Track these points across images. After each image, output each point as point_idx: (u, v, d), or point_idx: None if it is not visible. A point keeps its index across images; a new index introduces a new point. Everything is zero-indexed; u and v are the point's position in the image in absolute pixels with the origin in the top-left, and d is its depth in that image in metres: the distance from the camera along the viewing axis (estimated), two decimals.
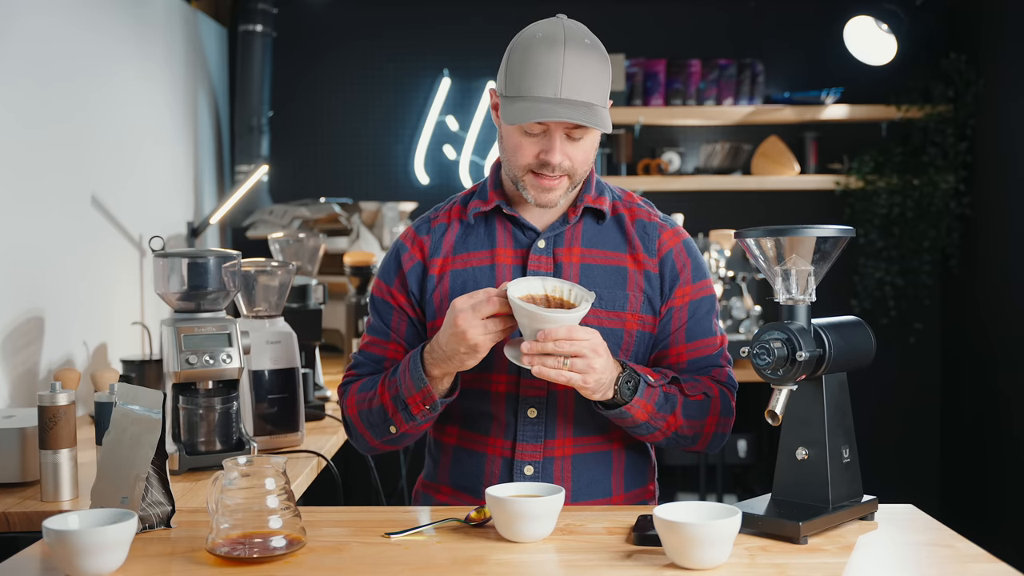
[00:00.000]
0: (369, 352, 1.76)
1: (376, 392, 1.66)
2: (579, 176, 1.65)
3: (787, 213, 4.31)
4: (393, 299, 1.74)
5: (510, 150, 1.64)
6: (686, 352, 1.70)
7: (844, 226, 1.46)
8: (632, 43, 4.29)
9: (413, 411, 1.61)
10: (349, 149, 4.36)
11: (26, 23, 2.43)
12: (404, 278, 1.73)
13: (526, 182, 1.64)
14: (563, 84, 1.55)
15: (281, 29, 4.19)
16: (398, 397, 1.61)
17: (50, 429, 1.71)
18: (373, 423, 1.67)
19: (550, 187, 1.63)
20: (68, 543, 1.25)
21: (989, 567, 1.31)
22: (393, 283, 1.74)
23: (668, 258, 1.71)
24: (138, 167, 3.16)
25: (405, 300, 1.73)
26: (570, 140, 1.61)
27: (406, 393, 1.60)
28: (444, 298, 1.70)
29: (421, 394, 1.59)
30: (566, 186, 1.65)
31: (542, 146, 1.60)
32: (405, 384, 1.60)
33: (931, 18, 4.27)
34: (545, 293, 1.55)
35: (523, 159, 1.62)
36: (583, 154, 1.63)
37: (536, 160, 1.61)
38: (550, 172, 1.61)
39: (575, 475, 1.68)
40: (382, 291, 1.76)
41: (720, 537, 1.28)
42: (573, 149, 1.61)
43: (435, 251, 1.73)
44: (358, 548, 1.39)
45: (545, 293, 1.55)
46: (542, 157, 1.60)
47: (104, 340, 2.83)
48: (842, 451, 1.49)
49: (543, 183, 1.62)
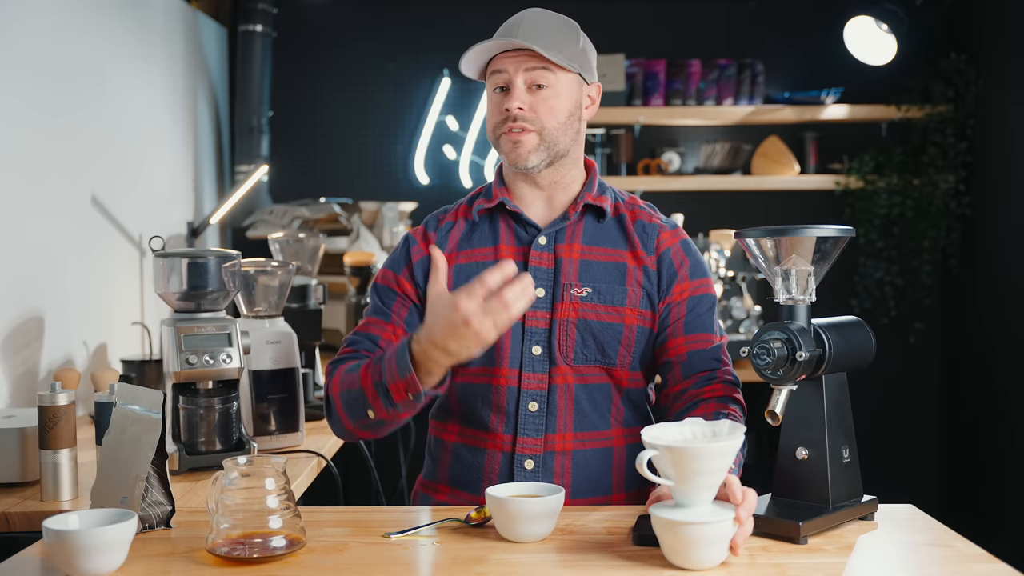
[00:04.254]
0: (367, 332, 1.74)
1: (358, 375, 1.61)
2: (549, 132, 1.68)
3: (787, 213, 4.31)
4: (399, 286, 1.75)
5: (487, 117, 1.74)
6: (684, 344, 1.70)
7: (844, 226, 1.46)
8: (632, 43, 4.29)
9: (395, 398, 1.54)
10: (349, 149, 4.36)
11: (25, 23, 2.43)
12: (412, 269, 1.75)
13: (501, 144, 1.71)
14: (519, 32, 1.66)
15: (281, 29, 4.19)
16: (380, 383, 1.55)
17: (50, 429, 1.71)
18: (350, 405, 1.63)
19: (517, 140, 1.68)
20: (68, 543, 1.25)
21: (989, 567, 1.31)
22: (401, 271, 1.76)
23: (666, 256, 1.73)
24: (138, 167, 3.16)
25: (411, 289, 1.75)
26: (533, 92, 1.68)
27: (390, 380, 1.54)
28: None
29: (406, 383, 1.52)
30: (536, 142, 1.69)
31: (505, 100, 1.68)
32: (390, 371, 1.54)
33: (931, 18, 4.27)
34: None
35: (493, 118, 1.72)
36: (548, 107, 1.68)
37: (502, 115, 1.68)
38: (512, 122, 1.67)
39: (575, 471, 1.68)
40: (388, 279, 1.77)
41: (718, 536, 1.28)
42: (535, 100, 1.68)
43: (440, 246, 1.75)
44: (358, 548, 1.39)
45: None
46: (504, 108, 1.68)
47: (104, 340, 2.83)
48: (842, 451, 1.49)
49: (511, 136, 1.68)
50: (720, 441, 1.32)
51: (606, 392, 1.70)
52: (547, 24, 1.69)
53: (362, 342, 1.73)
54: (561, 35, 1.69)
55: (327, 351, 3.69)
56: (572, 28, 1.72)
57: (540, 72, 1.67)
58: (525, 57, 1.66)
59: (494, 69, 1.70)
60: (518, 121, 1.67)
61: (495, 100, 1.71)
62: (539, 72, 1.67)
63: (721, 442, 1.30)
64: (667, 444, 1.29)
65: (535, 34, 1.66)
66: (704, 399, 1.65)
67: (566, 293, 1.68)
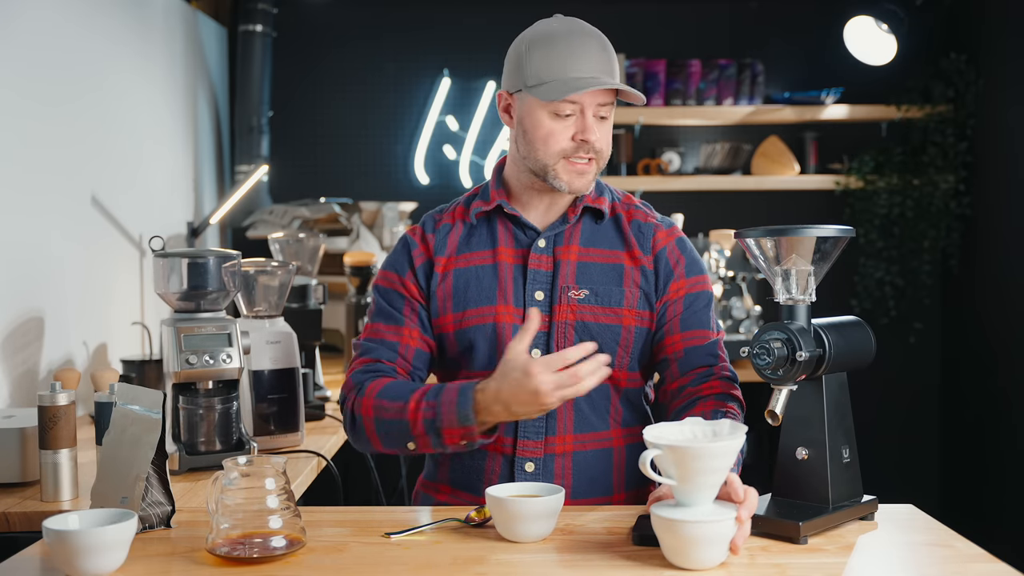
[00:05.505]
0: (382, 339, 1.72)
1: (405, 406, 1.59)
2: (604, 161, 1.70)
3: (787, 213, 4.31)
4: (405, 289, 1.74)
5: (541, 139, 1.66)
6: (681, 341, 1.70)
7: (844, 226, 1.46)
8: (632, 43, 4.29)
9: (446, 442, 1.57)
10: (349, 149, 4.36)
11: (25, 23, 2.43)
12: (416, 272, 1.74)
13: (558, 170, 1.67)
14: (595, 63, 1.63)
15: (281, 29, 4.19)
16: (433, 424, 1.56)
17: (50, 429, 1.71)
18: (390, 433, 1.63)
19: (584, 171, 1.67)
20: (68, 543, 1.25)
21: (989, 567, 1.31)
22: (406, 274, 1.75)
23: (662, 255, 1.73)
24: (138, 167, 3.16)
25: (417, 291, 1.74)
26: (598, 121, 1.66)
27: (446, 424, 1.55)
28: (447, 296, 1.71)
29: (462, 431, 1.55)
30: (596, 171, 1.70)
31: (576, 127, 1.65)
32: (447, 417, 1.55)
33: (931, 18, 4.27)
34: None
35: (557, 144, 1.66)
36: (608, 137, 1.69)
37: (572, 143, 1.65)
38: (585, 153, 1.65)
39: (576, 472, 1.68)
40: (393, 282, 1.76)
41: (718, 536, 1.28)
42: (601, 130, 1.67)
43: (439, 249, 1.74)
44: (358, 548, 1.39)
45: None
46: (579, 138, 1.65)
47: (104, 340, 2.83)
48: (842, 451, 1.49)
49: (578, 167, 1.67)
50: (722, 440, 1.32)
51: (604, 393, 1.70)
52: (609, 55, 1.66)
53: (379, 350, 1.72)
54: (616, 62, 1.68)
55: (327, 351, 3.69)
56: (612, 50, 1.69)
57: (608, 106, 1.67)
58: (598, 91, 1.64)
59: (567, 97, 1.63)
60: (590, 152, 1.66)
61: (558, 128, 1.65)
62: (608, 106, 1.66)
63: (723, 441, 1.30)
64: (669, 444, 1.29)
65: (607, 68, 1.64)
66: (702, 396, 1.66)
67: (564, 296, 1.68)
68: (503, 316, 1.68)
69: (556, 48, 1.64)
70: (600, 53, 1.64)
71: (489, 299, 1.70)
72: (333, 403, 2.74)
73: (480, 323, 1.69)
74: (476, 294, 1.70)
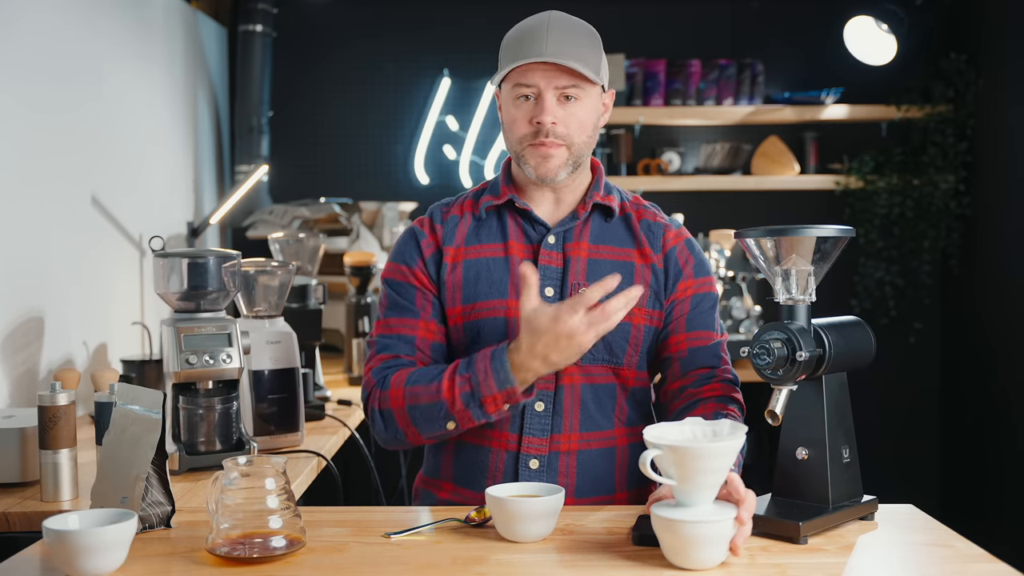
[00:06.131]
0: (399, 333, 1.71)
1: (440, 387, 1.59)
2: (577, 147, 1.68)
3: (787, 213, 4.31)
4: (416, 279, 1.73)
5: (507, 125, 1.70)
6: (685, 341, 1.71)
7: (844, 226, 1.46)
8: (632, 43, 4.29)
9: (489, 410, 1.57)
10: (349, 149, 4.36)
11: (25, 23, 2.43)
12: (426, 262, 1.74)
13: (526, 155, 1.68)
14: (548, 44, 1.62)
15: (281, 29, 4.19)
16: (473, 395, 1.56)
17: (50, 429, 1.71)
18: (427, 418, 1.61)
19: (548, 154, 1.66)
20: (68, 543, 1.25)
21: (989, 567, 1.31)
22: (416, 264, 1.74)
23: (672, 254, 1.74)
24: (138, 167, 3.16)
25: (428, 282, 1.73)
26: (562, 104, 1.65)
27: (486, 392, 1.55)
28: (456, 287, 1.71)
29: (504, 393, 1.55)
30: (565, 156, 1.68)
31: (535, 111, 1.65)
32: (486, 384, 1.55)
33: (931, 18, 4.27)
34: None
35: (519, 130, 1.67)
36: (577, 121, 1.67)
37: (530, 127, 1.66)
38: (544, 137, 1.65)
39: (580, 471, 1.68)
40: (404, 274, 1.75)
41: (718, 536, 1.28)
42: (566, 114, 1.66)
43: (448, 240, 1.74)
44: (358, 548, 1.39)
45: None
46: (535, 121, 1.65)
47: (104, 340, 2.83)
48: (842, 451, 1.49)
49: (540, 149, 1.66)
50: (722, 440, 1.32)
51: (611, 392, 1.70)
52: (576, 33, 1.66)
53: (397, 345, 1.71)
54: (589, 46, 1.67)
55: (327, 351, 3.69)
56: (595, 37, 1.70)
57: (574, 88, 1.65)
58: (556, 70, 1.64)
59: (520, 80, 1.65)
60: (549, 136, 1.65)
61: (519, 114, 1.67)
62: (573, 88, 1.65)
63: (723, 442, 1.30)
64: (669, 444, 1.29)
65: (566, 44, 1.63)
66: (703, 399, 1.66)
67: (574, 292, 1.68)
68: (514, 311, 1.67)
69: (516, 36, 1.67)
70: (559, 35, 1.63)
71: (500, 292, 1.69)
72: (333, 403, 2.74)
73: (490, 316, 1.69)
74: (487, 287, 1.70)
